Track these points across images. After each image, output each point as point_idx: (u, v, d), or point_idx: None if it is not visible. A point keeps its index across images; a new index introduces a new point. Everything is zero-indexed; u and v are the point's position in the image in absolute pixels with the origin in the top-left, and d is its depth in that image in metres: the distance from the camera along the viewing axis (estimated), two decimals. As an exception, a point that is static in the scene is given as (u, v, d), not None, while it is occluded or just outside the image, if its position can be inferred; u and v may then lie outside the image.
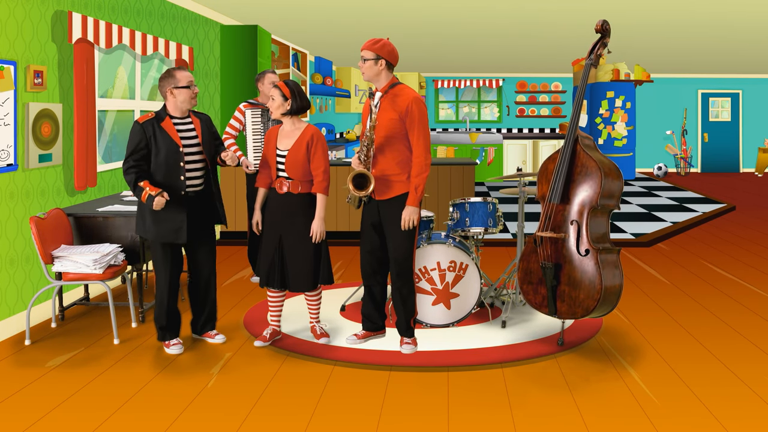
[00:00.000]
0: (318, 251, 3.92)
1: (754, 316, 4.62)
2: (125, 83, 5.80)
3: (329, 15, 7.72)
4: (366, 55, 3.76)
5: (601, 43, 3.93)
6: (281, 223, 3.90)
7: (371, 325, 4.05)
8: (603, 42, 3.93)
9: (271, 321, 4.09)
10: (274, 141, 3.95)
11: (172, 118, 3.83)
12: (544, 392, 3.37)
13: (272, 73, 5.18)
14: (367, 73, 3.78)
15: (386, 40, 3.79)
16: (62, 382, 3.49)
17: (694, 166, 15.99)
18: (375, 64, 3.75)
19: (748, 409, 3.17)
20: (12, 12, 4.26)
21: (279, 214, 3.90)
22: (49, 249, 4.08)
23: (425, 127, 3.75)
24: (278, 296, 4.04)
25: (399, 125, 3.74)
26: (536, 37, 9.48)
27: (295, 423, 3.03)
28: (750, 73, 15.51)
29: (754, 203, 10.45)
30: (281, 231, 3.90)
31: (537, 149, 13.89)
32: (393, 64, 3.81)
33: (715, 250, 6.88)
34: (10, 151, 4.24)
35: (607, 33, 3.89)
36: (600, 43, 3.93)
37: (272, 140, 3.96)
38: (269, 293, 4.04)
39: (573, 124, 3.84)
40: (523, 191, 4.51)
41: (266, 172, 3.99)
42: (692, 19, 7.98)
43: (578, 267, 3.71)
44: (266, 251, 3.93)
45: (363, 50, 3.77)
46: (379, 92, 3.81)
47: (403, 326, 3.91)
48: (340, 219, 7.24)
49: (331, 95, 11.52)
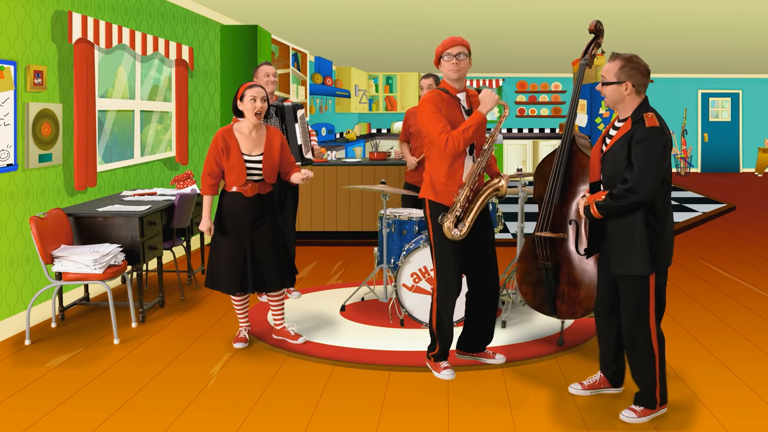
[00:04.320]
0: (285, 247, 3.98)
1: (754, 316, 4.62)
2: (125, 83, 5.80)
3: (329, 15, 7.71)
4: (465, 51, 3.47)
5: (595, 44, 3.93)
6: (250, 227, 3.85)
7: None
8: (597, 42, 3.93)
9: (241, 323, 4.11)
10: (236, 148, 3.82)
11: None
12: (544, 392, 3.37)
13: (267, 65, 5.02)
14: (465, 70, 3.49)
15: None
16: (62, 382, 3.49)
17: (694, 166, 15.99)
18: (469, 61, 3.50)
19: (748, 409, 3.17)
20: (12, 12, 4.26)
21: (247, 217, 3.85)
22: (49, 249, 4.08)
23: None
24: (244, 300, 4.05)
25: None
26: (536, 37, 9.48)
27: (295, 423, 3.03)
28: (750, 73, 15.51)
29: (754, 203, 10.44)
30: (251, 234, 3.86)
31: (537, 149, 13.89)
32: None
33: (715, 250, 6.88)
34: (10, 151, 4.24)
35: (601, 33, 3.89)
36: (594, 43, 3.93)
37: (233, 146, 3.82)
38: (235, 299, 4.02)
39: (569, 124, 3.83)
40: (522, 191, 4.51)
41: (214, 180, 3.87)
42: (692, 19, 7.98)
43: (577, 267, 3.72)
44: (234, 257, 3.83)
45: (462, 45, 3.46)
46: (462, 94, 3.55)
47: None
48: (340, 219, 7.24)
49: (331, 95, 11.52)
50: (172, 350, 3.97)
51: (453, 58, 3.43)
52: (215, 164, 3.85)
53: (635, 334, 3.01)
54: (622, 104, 3.03)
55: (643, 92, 3.02)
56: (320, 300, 5.01)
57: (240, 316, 4.08)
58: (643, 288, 2.96)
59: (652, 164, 2.86)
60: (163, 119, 6.54)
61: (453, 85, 3.50)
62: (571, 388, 3.36)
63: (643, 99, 3.02)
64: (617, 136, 3.00)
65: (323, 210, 7.25)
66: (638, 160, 2.87)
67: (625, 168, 2.93)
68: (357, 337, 4.14)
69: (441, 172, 3.48)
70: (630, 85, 2.98)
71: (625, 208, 2.91)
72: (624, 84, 2.99)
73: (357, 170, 7.24)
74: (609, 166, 3.02)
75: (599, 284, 3.21)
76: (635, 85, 2.99)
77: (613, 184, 3.00)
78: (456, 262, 3.47)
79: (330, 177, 7.25)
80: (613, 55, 3.04)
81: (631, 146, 2.91)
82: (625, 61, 3.00)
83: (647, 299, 2.98)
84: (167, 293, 5.24)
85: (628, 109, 3.02)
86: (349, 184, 6.81)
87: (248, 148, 3.86)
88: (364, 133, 14.77)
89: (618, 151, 2.96)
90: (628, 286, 2.99)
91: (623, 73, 2.98)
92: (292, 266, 4.04)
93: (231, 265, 3.84)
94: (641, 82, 2.99)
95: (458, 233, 3.40)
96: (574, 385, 3.37)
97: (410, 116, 5.52)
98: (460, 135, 3.36)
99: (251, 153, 3.86)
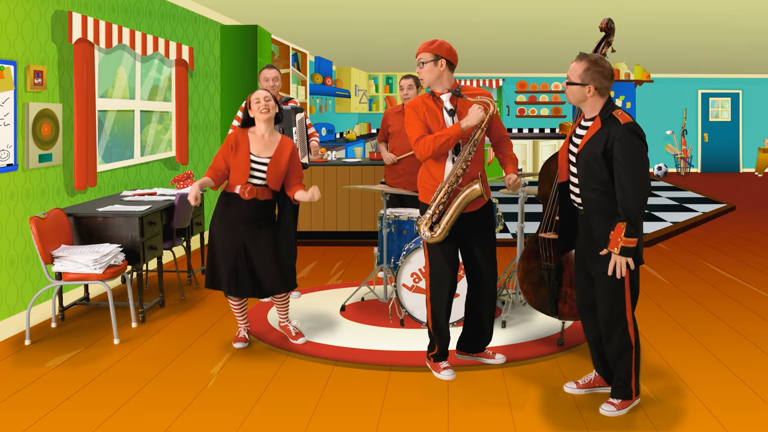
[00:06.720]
0: (285, 254, 3.94)
1: (754, 316, 4.62)
2: (125, 83, 5.80)
3: (329, 15, 7.71)
4: (423, 57, 3.44)
5: (606, 42, 3.83)
6: (245, 231, 3.84)
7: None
8: (607, 41, 3.84)
9: (240, 324, 4.11)
10: (245, 147, 3.85)
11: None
12: (544, 392, 3.37)
13: (268, 68, 5.02)
14: (428, 77, 3.44)
15: (442, 40, 3.55)
16: (62, 382, 3.49)
17: (694, 166, 15.99)
18: (435, 65, 3.42)
19: (748, 409, 3.17)
20: (12, 12, 4.26)
21: (242, 221, 3.84)
22: (49, 249, 4.08)
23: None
24: (242, 303, 4.05)
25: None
26: (536, 37, 9.48)
27: (295, 423, 3.03)
28: (750, 73, 15.51)
29: (754, 203, 10.44)
30: (245, 238, 3.84)
31: (537, 149, 13.89)
32: (454, 64, 3.50)
33: (715, 250, 6.88)
34: (10, 151, 4.24)
35: (612, 31, 3.82)
36: (604, 42, 3.83)
37: (243, 145, 3.85)
38: (233, 301, 4.02)
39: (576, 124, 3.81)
40: (523, 191, 4.51)
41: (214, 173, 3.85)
42: (692, 19, 7.98)
43: (578, 267, 3.72)
44: (227, 259, 3.83)
45: (419, 54, 3.46)
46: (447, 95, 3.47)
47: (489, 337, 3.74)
48: (340, 219, 7.24)
49: (331, 95, 11.52)
50: (172, 350, 3.97)
51: (417, 66, 3.50)
52: (222, 160, 3.87)
53: (612, 327, 3.06)
54: (585, 104, 3.07)
55: (607, 94, 3.06)
56: (320, 300, 5.01)
57: (238, 317, 4.08)
58: (620, 282, 3.01)
59: (639, 164, 2.89)
60: (163, 119, 6.54)
61: (433, 87, 3.51)
62: (567, 387, 3.37)
63: (607, 99, 3.06)
64: (588, 136, 3.02)
65: (323, 210, 7.25)
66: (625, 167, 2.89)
67: (603, 167, 2.96)
68: (357, 337, 4.14)
69: (424, 172, 3.53)
70: (593, 88, 3.02)
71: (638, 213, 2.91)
72: (587, 86, 3.02)
73: (357, 170, 7.24)
74: (584, 168, 3.03)
75: (578, 283, 3.23)
76: (598, 89, 3.02)
77: (589, 185, 3.01)
78: (447, 261, 3.47)
79: (330, 177, 7.25)
80: (580, 56, 3.06)
81: (607, 148, 2.93)
82: (591, 63, 3.02)
83: (623, 292, 3.03)
84: (167, 293, 5.25)
85: (594, 109, 3.06)
86: (349, 184, 6.81)
87: (258, 149, 3.87)
88: (364, 133, 14.77)
89: (592, 151, 2.98)
90: (606, 283, 3.02)
91: (587, 76, 3.02)
92: (290, 271, 3.97)
93: (224, 267, 3.84)
94: (604, 85, 3.02)
95: (429, 235, 3.39)
96: (570, 384, 3.38)
97: (388, 116, 5.55)
98: (431, 142, 3.36)
99: (260, 155, 3.86)
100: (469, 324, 3.66)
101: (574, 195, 3.15)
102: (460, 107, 3.48)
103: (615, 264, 2.94)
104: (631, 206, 2.87)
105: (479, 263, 3.54)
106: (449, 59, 3.46)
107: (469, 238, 3.54)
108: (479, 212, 3.53)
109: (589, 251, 3.08)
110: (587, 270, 3.16)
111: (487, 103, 3.36)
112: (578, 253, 3.20)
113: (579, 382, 3.36)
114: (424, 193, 3.53)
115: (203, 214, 5.62)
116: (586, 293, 3.21)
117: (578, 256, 3.20)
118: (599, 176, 2.97)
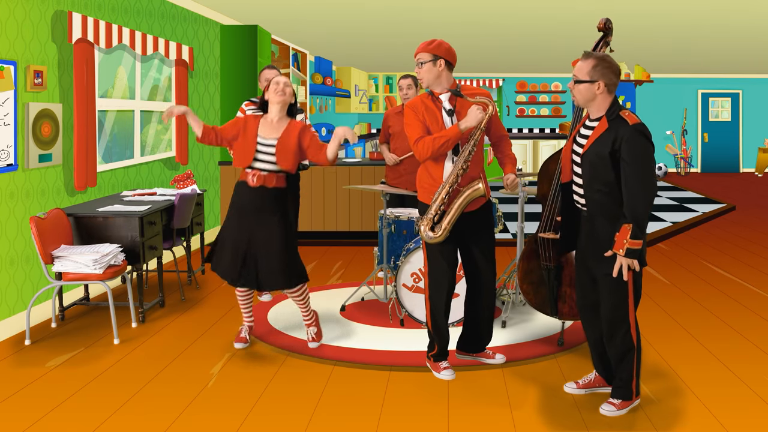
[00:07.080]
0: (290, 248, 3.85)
1: (754, 317, 4.62)
2: (125, 83, 5.80)
3: (329, 15, 7.72)
4: (422, 57, 3.42)
5: (604, 42, 3.86)
6: (252, 221, 3.81)
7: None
8: (606, 41, 3.86)
9: (245, 319, 4.10)
10: (253, 130, 3.83)
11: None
12: (544, 392, 3.37)
13: (269, 69, 5.03)
14: (427, 77, 3.43)
15: (440, 40, 3.52)
16: (62, 382, 3.49)
17: (694, 166, 15.99)
18: (434, 65, 3.41)
19: (748, 409, 3.17)
20: (12, 12, 4.26)
21: (250, 209, 3.81)
22: (49, 249, 4.08)
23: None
24: (248, 294, 4.03)
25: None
26: (536, 37, 9.48)
27: (295, 423, 3.03)
28: (750, 73, 15.51)
29: (754, 203, 10.44)
30: (251, 228, 3.81)
31: (537, 149, 13.89)
32: (453, 64, 3.48)
33: (715, 250, 6.88)
34: (10, 151, 4.24)
35: (610, 31, 3.84)
36: (602, 41, 3.86)
37: (252, 128, 3.83)
38: (239, 291, 4.01)
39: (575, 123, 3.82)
40: (523, 191, 4.51)
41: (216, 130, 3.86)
42: (692, 19, 7.98)
43: (578, 267, 3.71)
44: (233, 247, 3.81)
45: (418, 54, 3.45)
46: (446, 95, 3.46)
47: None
48: (340, 219, 7.24)
49: (331, 95, 11.52)
50: (172, 350, 3.97)
51: (416, 65, 3.48)
52: (227, 128, 3.86)
53: (615, 328, 3.05)
54: (594, 103, 3.05)
55: (614, 92, 3.05)
56: (320, 300, 5.01)
57: (244, 309, 4.06)
58: (624, 284, 3.00)
59: (646, 165, 2.89)
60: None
61: (432, 87, 3.50)
62: (567, 386, 3.37)
63: (613, 98, 3.05)
64: (594, 137, 3.01)
65: (323, 210, 7.25)
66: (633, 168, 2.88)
67: (609, 169, 2.95)
68: (357, 337, 4.14)
69: (423, 172, 3.52)
70: (602, 84, 3.01)
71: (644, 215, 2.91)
72: (597, 83, 3.01)
73: (357, 170, 7.24)
74: (589, 169, 3.02)
75: (578, 283, 3.23)
76: (607, 85, 3.01)
77: (593, 186, 3.00)
78: (446, 261, 3.47)
79: (330, 177, 7.25)
80: (586, 54, 3.06)
81: (615, 149, 2.93)
82: (598, 60, 3.02)
83: (627, 294, 3.02)
84: (167, 293, 5.25)
85: (601, 108, 3.05)
86: (349, 184, 6.81)
87: (266, 132, 3.84)
88: (364, 133, 14.77)
89: (599, 151, 2.97)
90: (609, 284, 3.01)
91: (596, 72, 3.01)
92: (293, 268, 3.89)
93: (229, 255, 3.82)
94: (613, 82, 3.02)
95: (432, 236, 3.39)
96: (570, 384, 3.38)
97: (389, 117, 5.55)
98: (430, 143, 3.36)
99: (267, 137, 3.83)
100: (469, 324, 3.66)
101: (577, 195, 3.15)
102: (459, 107, 3.47)
103: (620, 266, 2.94)
104: (638, 208, 2.86)
105: (478, 263, 3.53)
106: (448, 59, 3.45)
107: (468, 238, 3.53)
108: (478, 212, 3.52)
109: (593, 252, 3.07)
110: (589, 271, 3.15)
111: (486, 103, 3.36)
112: (580, 253, 3.19)
113: (579, 382, 3.36)
114: (422, 192, 3.53)
115: (203, 214, 5.62)
116: (587, 294, 3.21)
117: (580, 256, 3.19)
118: (604, 177, 2.97)
